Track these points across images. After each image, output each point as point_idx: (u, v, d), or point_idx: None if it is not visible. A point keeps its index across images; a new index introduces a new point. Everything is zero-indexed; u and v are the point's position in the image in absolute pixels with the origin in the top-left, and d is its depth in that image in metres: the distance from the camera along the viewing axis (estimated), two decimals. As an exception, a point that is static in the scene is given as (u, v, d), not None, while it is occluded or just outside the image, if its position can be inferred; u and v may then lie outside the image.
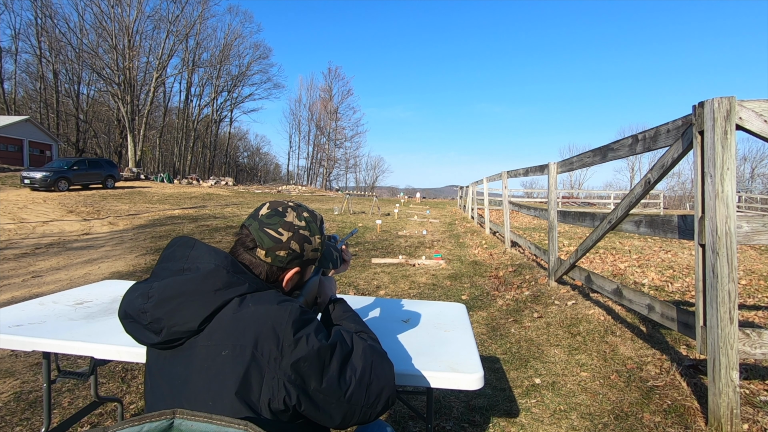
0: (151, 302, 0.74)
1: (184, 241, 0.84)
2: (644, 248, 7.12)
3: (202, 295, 0.75)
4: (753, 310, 3.64)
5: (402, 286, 4.85)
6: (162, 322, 0.74)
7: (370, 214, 14.77)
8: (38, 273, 5.26)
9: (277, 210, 0.88)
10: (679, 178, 40.40)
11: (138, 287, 0.79)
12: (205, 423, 0.50)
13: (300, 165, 60.56)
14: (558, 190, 4.95)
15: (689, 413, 1.99)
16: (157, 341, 0.75)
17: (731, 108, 1.83)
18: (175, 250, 0.83)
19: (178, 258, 0.81)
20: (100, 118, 40.58)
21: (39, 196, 14.41)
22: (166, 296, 0.74)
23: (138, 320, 0.76)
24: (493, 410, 2.15)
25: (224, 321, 0.74)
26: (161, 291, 0.75)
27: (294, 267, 0.90)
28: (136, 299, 0.76)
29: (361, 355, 0.83)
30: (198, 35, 39.47)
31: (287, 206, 0.90)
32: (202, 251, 0.81)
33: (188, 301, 0.74)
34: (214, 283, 0.76)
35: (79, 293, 1.71)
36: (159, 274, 0.80)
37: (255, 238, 0.85)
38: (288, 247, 0.86)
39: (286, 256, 0.87)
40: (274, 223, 0.86)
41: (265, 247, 0.85)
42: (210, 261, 0.78)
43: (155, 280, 0.79)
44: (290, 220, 0.87)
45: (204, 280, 0.75)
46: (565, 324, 3.33)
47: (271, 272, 0.88)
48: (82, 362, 2.60)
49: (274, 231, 0.85)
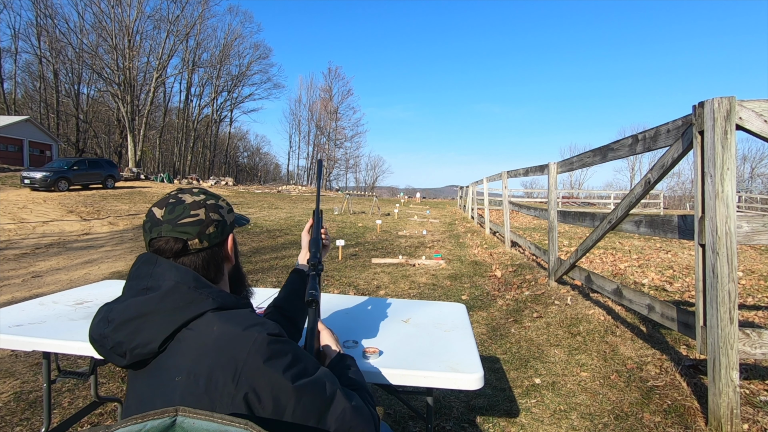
0: (110, 327, 0.72)
1: (147, 258, 0.80)
2: (644, 248, 7.12)
3: (161, 315, 0.71)
4: (753, 310, 3.64)
5: (402, 286, 4.85)
6: (123, 345, 0.71)
7: (370, 214, 14.77)
8: (38, 273, 5.26)
9: (171, 203, 0.81)
10: (679, 178, 40.45)
11: (101, 310, 0.77)
12: (206, 421, 0.50)
13: (300, 165, 60.54)
14: (558, 190, 4.95)
15: (689, 413, 1.99)
16: (125, 364, 0.73)
17: (731, 108, 1.83)
18: (140, 268, 0.79)
19: (143, 276, 0.77)
20: (100, 118, 40.58)
21: (39, 196, 14.41)
22: (125, 318, 0.71)
23: (102, 345, 0.73)
24: (493, 410, 2.15)
25: (185, 342, 0.71)
26: (120, 314, 0.72)
27: (228, 235, 0.88)
28: (98, 324, 0.74)
29: (339, 415, 0.72)
30: (198, 35, 39.51)
31: (175, 195, 0.84)
32: (164, 267, 0.77)
33: (147, 322, 0.71)
34: (174, 301, 0.72)
35: (79, 293, 1.71)
36: (125, 293, 0.78)
37: (177, 237, 0.79)
38: (211, 220, 0.82)
39: (216, 230, 0.83)
40: (180, 212, 0.80)
41: (194, 235, 0.79)
42: (170, 278, 0.75)
43: (120, 300, 0.76)
44: (191, 200, 0.82)
45: (163, 299, 0.72)
46: (565, 324, 3.33)
47: (214, 254, 0.84)
48: (82, 362, 2.60)
49: (189, 217, 0.80)
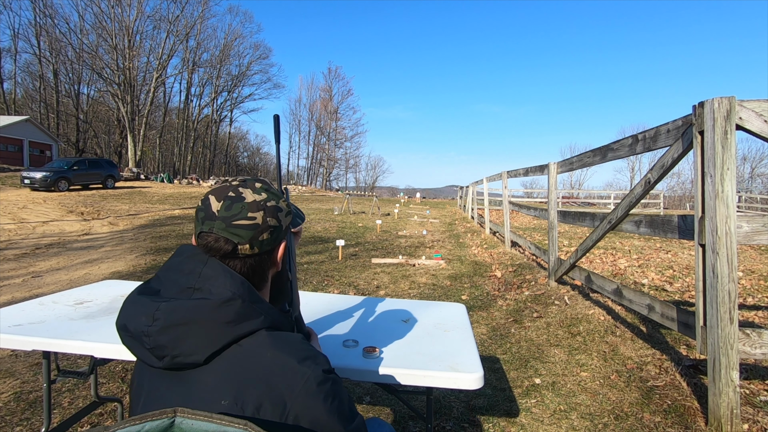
0: (156, 326, 0.66)
1: (195, 253, 0.75)
2: (644, 248, 7.12)
3: (212, 326, 0.67)
4: (753, 310, 3.64)
5: (402, 286, 4.85)
6: (165, 350, 0.66)
7: (370, 214, 14.77)
8: (38, 273, 5.26)
9: (230, 197, 0.76)
10: (679, 178, 40.46)
11: (142, 301, 0.70)
12: (205, 422, 0.50)
13: (300, 165, 60.59)
14: (558, 190, 4.95)
15: (689, 413, 1.99)
16: (159, 366, 0.68)
17: (731, 108, 1.83)
18: (184, 261, 0.74)
19: (188, 272, 0.73)
20: (100, 118, 40.59)
21: (39, 196, 14.41)
22: (172, 322, 0.66)
23: (139, 341, 0.68)
24: (493, 410, 2.15)
25: (233, 362, 0.67)
26: (168, 315, 0.66)
27: (281, 242, 0.83)
28: (139, 317, 0.68)
29: None
30: (198, 35, 39.49)
31: (236, 188, 0.78)
32: (216, 271, 0.72)
33: (196, 330, 0.66)
34: (228, 314, 0.67)
35: (79, 293, 1.71)
36: (165, 284, 0.73)
37: (228, 238, 0.74)
38: (267, 226, 0.77)
39: (270, 236, 0.78)
40: (238, 211, 0.75)
41: (246, 240, 0.75)
42: (226, 287, 0.70)
43: (160, 289, 0.72)
44: (252, 199, 0.77)
45: (217, 310, 0.67)
46: (565, 324, 3.33)
47: (262, 261, 0.79)
48: (82, 362, 2.61)
49: (245, 219, 0.75)
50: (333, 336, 1.32)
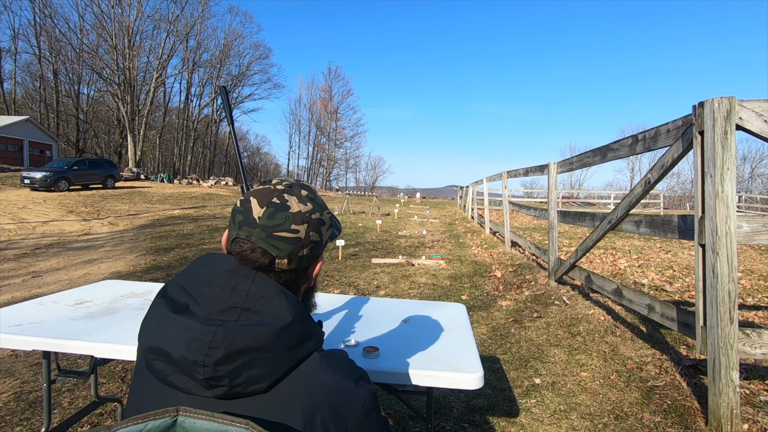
0: (213, 355, 0.58)
1: (236, 268, 0.67)
2: (644, 248, 7.12)
3: (275, 354, 0.61)
4: (753, 310, 3.64)
5: (402, 286, 4.85)
6: (222, 380, 0.59)
7: (370, 214, 14.77)
8: (38, 273, 5.26)
9: (274, 204, 0.69)
10: (679, 178, 40.49)
11: (182, 322, 0.61)
12: (207, 421, 0.50)
13: (300, 165, 60.57)
14: (558, 190, 4.95)
15: (689, 413, 1.99)
16: (206, 395, 0.61)
17: (731, 108, 1.83)
18: (224, 275, 0.66)
19: (231, 288, 0.65)
20: (100, 118, 40.59)
21: (39, 196, 14.41)
22: (233, 351, 0.58)
23: (187, 371, 0.60)
24: (493, 410, 2.15)
25: (296, 388, 0.63)
26: (227, 342, 0.58)
27: (319, 259, 0.77)
28: (185, 342, 0.59)
29: None
30: (198, 35, 39.52)
31: (281, 194, 0.70)
32: (269, 290, 0.65)
33: (259, 360, 0.60)
34: (289, 339, 0.62)
35: (79, 293, 1.71)
36: (199, 301, 0.65)
37: (266, 250, 0.67)
38: (309, 241, 0.70)
39: (309, 252, 0.71)
40: (281, 221, 0.67)
41: (285, 255, 0.68)
42: (284, 310, 0.64)
43: (188, 304, 0.65)
44: (297, 209, 0.69)
45: (279, 336, 0.61)
46: (565, 324, 3.33)
47: (297, 277, 0.73)
48: (82, 362, 2.61)
49: (288, 231, 0.67)
50: (333, 336, 1.32)
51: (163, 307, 0.64)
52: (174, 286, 0.69)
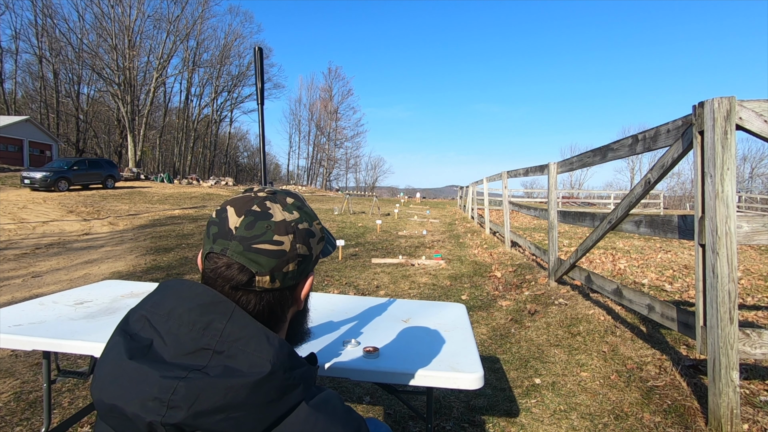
0: (174, 417, 0.47)
1: (210, 302, 0.55)
2: (644, 248, 7.12)
3: (249, 412, 0.49)
4: (753, 310, 3.64)
5: (402, 286, 4.85)
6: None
7: (370, 214, 14.77)
8: (38, 273, 5.26)
9: (254, 212, 0.59)
10: (679, 178, 40.49)
11: (138, 370, 0.49)
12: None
13: (300, 165, 60.72)
14: (558, 190, 4.95)
15: (689, 413, 1.99)
16: None
17: (731, 108, 1.83)
18: (194, 310, 0.54)
19: (202, 326, 0.53)
20: (100, 118, 40.62)
21: (39, 196, 14.41)
22: (197, 410, 0.47)
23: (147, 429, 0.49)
24: (493, 410, 2.15)
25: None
26: (190, 400, 0.47)
27: (308, 276, 0.66)
28: (140, 398, 0.48)
29: None
30: (198, 35, 39.53)
31: (263, 201, 0.61)
32: (247, 330, 0.53)
33: (228, 419, 0.48)
34: (267, 393, 0.50)
35: (79, 293, 1.71)
36: (165, 338, 0.53)
37: (244, 265, 0.57)
38: (295, 255, 0.60)
39: (296, 268, 0.61)
40: (261, 232, 0.58)
41: (267, 271, 0.57)
42: (262, 355, 0.52)
43: (153, 340, 0.53)
44: (281, 218, 0.60)
45: (255, 391, 0.49)
46: (565, 324, 3.33)
47: (282, 298, 0.62)
48: (82, 362, 2.61)
49: (269, 243, 0.57)
50: (333, 336, 1.32)
51: (121, 348, 0.52)
52: (138, 317, 0.57)
